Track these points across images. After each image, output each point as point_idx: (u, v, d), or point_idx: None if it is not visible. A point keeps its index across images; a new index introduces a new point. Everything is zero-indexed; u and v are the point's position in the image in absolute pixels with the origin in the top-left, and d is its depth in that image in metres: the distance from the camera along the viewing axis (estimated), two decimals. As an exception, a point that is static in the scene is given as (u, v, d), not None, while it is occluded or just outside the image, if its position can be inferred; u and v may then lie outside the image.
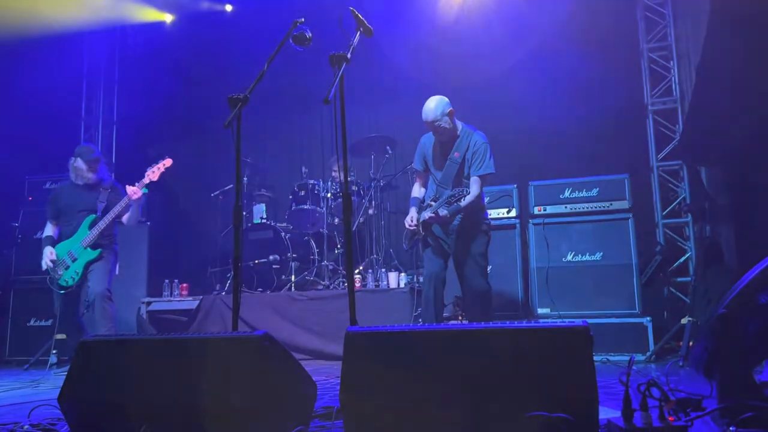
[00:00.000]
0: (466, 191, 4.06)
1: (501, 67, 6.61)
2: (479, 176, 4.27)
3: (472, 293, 4.31)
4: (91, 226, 4.77)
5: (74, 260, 4.74)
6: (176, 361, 2.25)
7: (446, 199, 4.13)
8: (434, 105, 4.24)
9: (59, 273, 4.75)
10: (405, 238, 4.56)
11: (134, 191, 4.68)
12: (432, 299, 4.31)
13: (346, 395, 2.06)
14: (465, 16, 6.71)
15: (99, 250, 4.75)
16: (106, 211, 4.80)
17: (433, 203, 4.31)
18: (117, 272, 5.01)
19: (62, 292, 4.76)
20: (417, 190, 4.62)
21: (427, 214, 4.27)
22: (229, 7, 7.70)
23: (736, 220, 5.12)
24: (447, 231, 4.37)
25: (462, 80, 6.64)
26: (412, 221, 4.37)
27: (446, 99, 4.28)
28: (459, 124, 4.38)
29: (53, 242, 4.86)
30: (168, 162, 4.87)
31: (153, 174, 4.81)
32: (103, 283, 4.71)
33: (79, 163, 4.86)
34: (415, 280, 5.57)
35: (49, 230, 4.95)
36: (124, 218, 4.87)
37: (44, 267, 4.77)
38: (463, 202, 4.11)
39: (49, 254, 4.75)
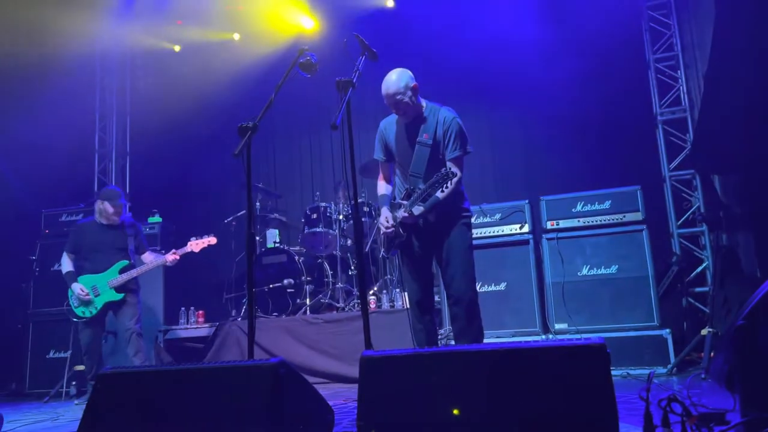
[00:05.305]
0: (447, 174, 3.42)
1: (508, 83, 6.65)
2: (454, 159, 3.68)
3: (454, 301, 3.69)
4: (122, 270, 5.01)
5: (97, 295, 4.95)
6: (193, 392, 2.26)
7: (424, 191, 3.52)
8: (396, 77, 3.66)
9: (77, 304, 4.95)
10: (382, 244, 3.93)
11: (173, 260, 5.07)
12: (422, 330, 3.78)
13: (363, 421, 2.06)
14: (470, 33, 6.74)
15: (123, 295, 4.98)
16: (137, 253, 5.21)
17: (404, 202, 3.68)
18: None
19: (75, 320, 4.98)
20: (384, 187, 4.04)
21: (400, 214, 3.67)
22: (237, 36, 7.84)
23: (755, 227, 5.07)
24: (421, 232, 3.77)
25: (469, 97, 6.68)
26: (387, 222, 3.74)
27: (409, 72, 3.72)
28: (423, 102, 3.82)
29: (75, 277, 5.02)
30: (213, 240, 5.21)
31: (195, 246, 5.16)
32: (137, 321, 5.03)
33: (107, 206, 5.07)
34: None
35: (68, 264, 5.11)
36: (146, 259, 5.23)
37: (76, 304, 4.96)
38: (440, 193, 3.53)
39: (79, 290, 4.91)
